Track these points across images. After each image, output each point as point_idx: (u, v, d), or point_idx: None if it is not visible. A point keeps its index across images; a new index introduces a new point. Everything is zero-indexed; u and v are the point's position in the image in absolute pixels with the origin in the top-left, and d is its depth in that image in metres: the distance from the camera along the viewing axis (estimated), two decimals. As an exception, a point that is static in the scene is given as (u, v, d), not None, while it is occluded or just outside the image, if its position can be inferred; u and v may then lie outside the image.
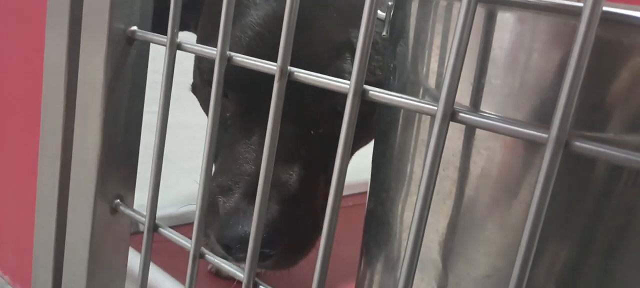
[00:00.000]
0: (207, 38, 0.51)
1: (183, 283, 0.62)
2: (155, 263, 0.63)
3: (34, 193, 0.43)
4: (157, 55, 0.38)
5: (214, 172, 0.47)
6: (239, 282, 0.30)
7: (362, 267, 0.31)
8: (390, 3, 0.30)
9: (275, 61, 0.26)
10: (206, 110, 0.52)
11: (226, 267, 0.31)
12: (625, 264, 0.21)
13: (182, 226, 0.79)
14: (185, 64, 0.48)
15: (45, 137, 0.41)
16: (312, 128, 0.45)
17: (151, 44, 0.37)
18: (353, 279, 0.33)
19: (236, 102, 0.46)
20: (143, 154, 0.40)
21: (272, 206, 0.42)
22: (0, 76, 0.56)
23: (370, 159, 0.31)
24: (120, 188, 0.39)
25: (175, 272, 0.64)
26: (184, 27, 0.56)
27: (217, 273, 0.73)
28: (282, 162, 0.44)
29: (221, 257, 0.44)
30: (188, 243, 0.32)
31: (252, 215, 0.41)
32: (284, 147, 0.43)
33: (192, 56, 0.50)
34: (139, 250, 0.35)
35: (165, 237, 0.34)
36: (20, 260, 0.55)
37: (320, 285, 0.26)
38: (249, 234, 0.41)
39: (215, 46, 0.29)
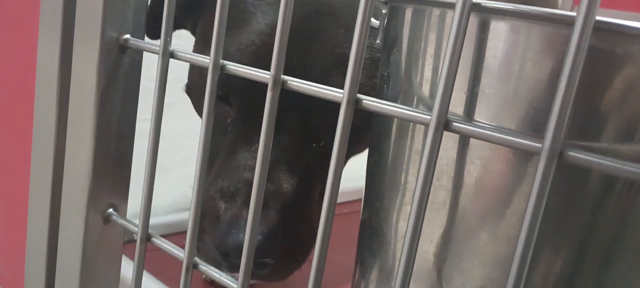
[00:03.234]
0: (206, 43, 0.51)
1: (177, 292, 0.61)
2: (149, 271, 0.63)
3: (26, 202, 0.42)
4: (151, 62, 0.38)
5: (212, 176, 0.47)
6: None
7: (356, 276, 0.31)
8: (384, 11, 0.30)
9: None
10: (199, 113, 0.51)
11: (220, 278, 0.31)
12: (620, 275, 0.21)
13: (177, 234, 0.78)
14: (179, 71, 0.47)
15: (37, 145, 0.40)
16: (314, 140, 0.45)
17: (145, 52, 0.37)
18: (348, 287, 0.33)
19: (238, 108, 0.46)
20: (137, 162, 0.40)
21: (272, 215, 0.42)
22: (-7, 84, 0.56)
23: (365, 166, 0.31)
24: (113, 197, 0.39)
25: (169, 280, 0.63)
26: (179, 25, 0.56)
27: (213, 282, 0.72)
28: (283, 171, 0.44)
29: (216, 262, 0.44)
30: (181, 254, 0.31)
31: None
32: (285, 156, 0.43)
33: (186, 63, 0.50)
34: (132, 258, 0.35)
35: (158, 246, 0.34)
36: (13, 270, 0.54)
37: (315, 295, 0.26)
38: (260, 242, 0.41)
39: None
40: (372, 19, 0.26)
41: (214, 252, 0.43)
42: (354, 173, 0.45)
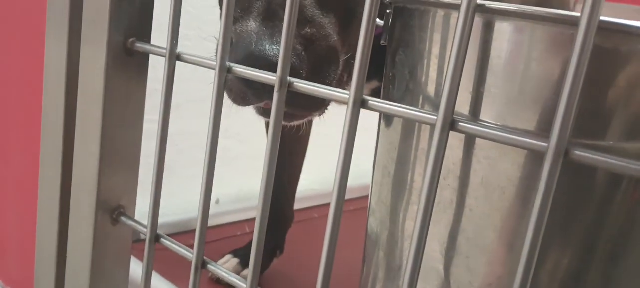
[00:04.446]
0: None
1: (185, 291, 0.62)
2: (157, 271, 0.63)
3: (35, 204, 0.43)
4: (157, 63, 0.38)
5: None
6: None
7: (364, 275, 0.31)
8: (388, 11, 0.31)
9: None
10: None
11: (229, 277, 0.31)
12: (628, 270, 0.21)
13: (184, 233, 0.79)
14: (184, 73, 0.48)
15: (46, 148, 0.41)
16: None
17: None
18: (355, 284, 0.33)
19: None
20: (144, 163, 0.40)
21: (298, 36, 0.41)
22: (2, 87, 0.56)
23: (371, 163, 0.31)
24: (121, 198, 0.39)
25: (177, 280, 0.64)
26: None
27: (219, 281, 0.73)
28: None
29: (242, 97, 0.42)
30: (190, 254, 0.32)
31: (273, 33, 0.40)
32: None
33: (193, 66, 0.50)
34: (140, 258, 0.35)
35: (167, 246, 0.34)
36: (23, 271, 0.55)
37: (323, 292, 0.26)
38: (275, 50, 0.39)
39: None
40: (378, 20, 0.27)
41: (238, 85, 0.42)
42: (358, 171, 0.45)
